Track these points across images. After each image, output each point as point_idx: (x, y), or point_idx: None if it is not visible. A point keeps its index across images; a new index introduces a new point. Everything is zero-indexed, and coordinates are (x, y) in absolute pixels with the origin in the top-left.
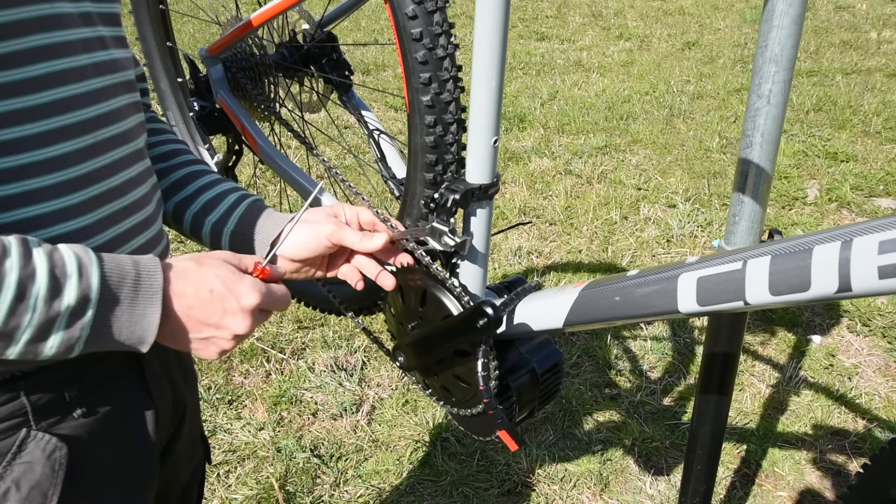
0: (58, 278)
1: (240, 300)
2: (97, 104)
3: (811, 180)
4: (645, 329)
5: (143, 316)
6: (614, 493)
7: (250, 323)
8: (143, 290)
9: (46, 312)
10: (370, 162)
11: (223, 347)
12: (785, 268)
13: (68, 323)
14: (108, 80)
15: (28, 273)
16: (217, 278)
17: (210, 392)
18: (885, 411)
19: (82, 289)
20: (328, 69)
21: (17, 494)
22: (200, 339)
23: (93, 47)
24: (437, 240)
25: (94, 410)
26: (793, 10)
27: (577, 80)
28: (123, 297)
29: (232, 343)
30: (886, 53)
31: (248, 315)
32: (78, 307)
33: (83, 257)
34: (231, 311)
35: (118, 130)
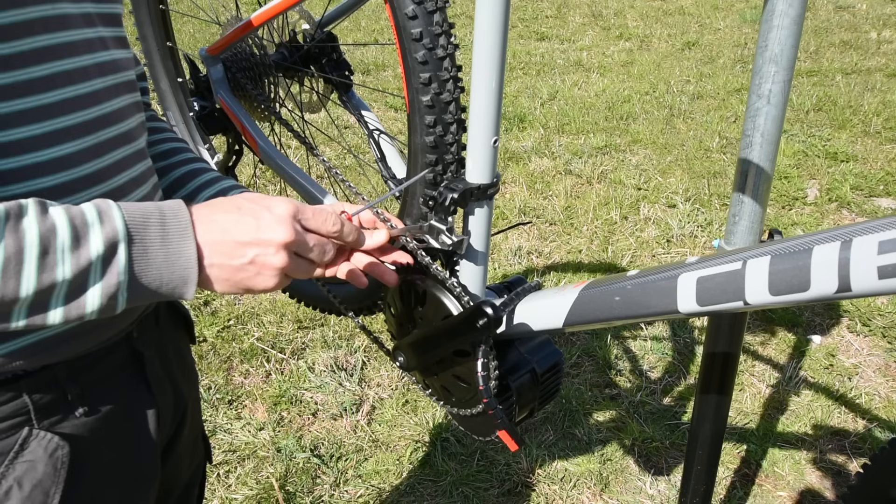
0: (78, 228)
1: (272, 210)
2: (100, 104)
3: (811, 180)
4: (645, 329)
5: (178, 253)
6: (614, 493)
7: (291, 230)
8: (172, 228)
9: (77, 263)
10: (370, 162)
11: (275, 264)
12: (785, 268)
13: (103, 271)
14: (111, 81)
15: (48, 227)
16: (243, 199)
17: (210, 392)
18: (885, 411)
19: (107, 234)
20: (328, 69)
21: (19, 493)
22: (247, 263)
23: (95, 48)
24: (436, 238)
25: (96, 409)
26: (793, 10)
27: (577, 80)
28: (153, 237)
29: (282, 259)
30: (886, 53)
31: (287, 221)
32: (108, 253)
33: (101, 206)
34: (266, 222)
35: (120, 130)
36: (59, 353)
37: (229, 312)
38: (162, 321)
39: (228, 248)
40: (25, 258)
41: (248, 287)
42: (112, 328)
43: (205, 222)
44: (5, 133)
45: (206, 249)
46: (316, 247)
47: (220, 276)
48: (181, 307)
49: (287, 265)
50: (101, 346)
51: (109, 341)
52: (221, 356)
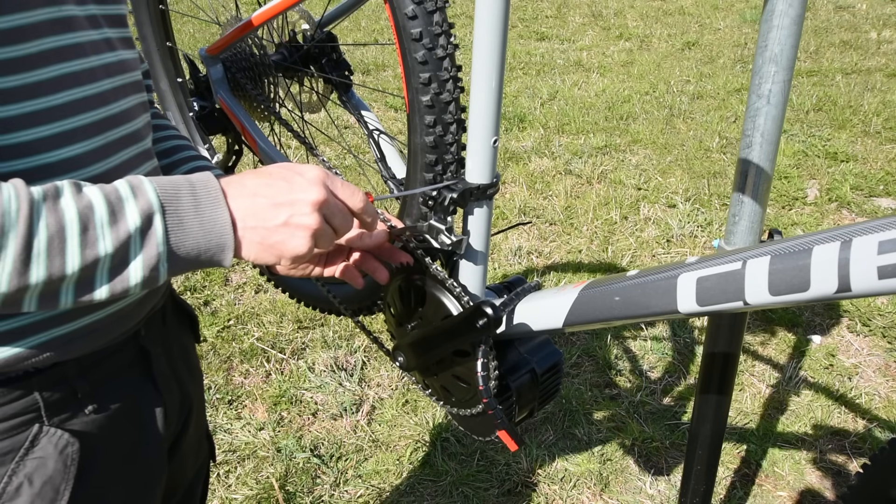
0: (114, 203)
1: (304, 174)
2: (108, 105)
3: (811, 180)
4: (645, 329)
5: (213, 220)
6: (614, 493)
7: (323, 190)
8: (204, 197)
9: (117, 236)
10: (370, 162)
11: (308, 224)
12: (784, 268)
13: (142, 243)
14: (118, 82)
15: (85, 204)
16: (275, 167)
17: (210, 392)
18: (885, 411)
19: (142, 207)
20: (328, 69)
21: (29, 489)
22: (281, 225)
23: (101, 49)
24: (435, 238)
25: (105, 407)
26: (793, 10)
27: (577, 80)
28: (186, 207)
29: (315, 219)
30: (886, 53)
31: (318, 183)
32: (144, 225)
33: (133, 181)
34: (298, 184)
35: (128, 131)
36: (69, 351)
37: (229, 312)
38: (168, 320)
39: (262, 210)
40: (67, 235)
41: (280, 252)
42: (121, 326)
43: (236, 188)
44: (15, 135)
45: (238, 213)
46: (341, 214)
47: (254, 240)
48: (186, 306)
49: (318, 227)
50: (109, 343)
51: (118, 339)
52: (221, 356)
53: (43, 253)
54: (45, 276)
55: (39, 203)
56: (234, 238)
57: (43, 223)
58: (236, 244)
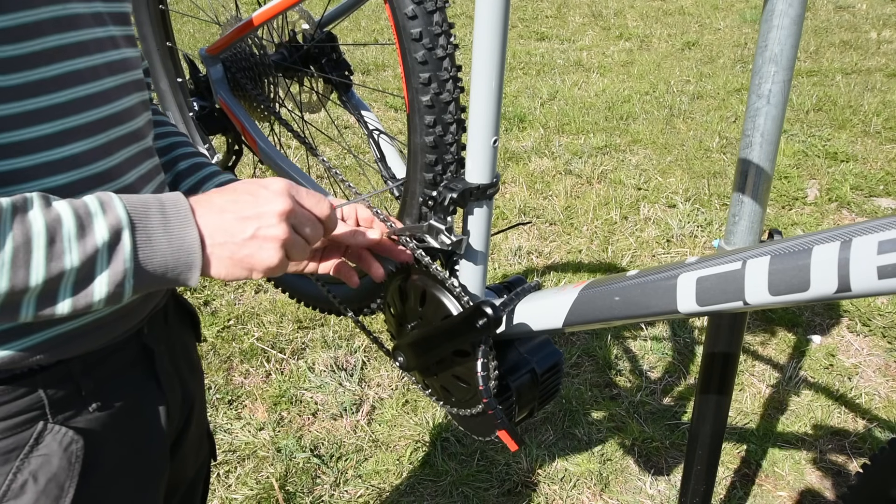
0: (83, 217)
1: (268, 186)
2: (110, 103)
3: (811, 180)
4: (645, 329)
5: (182, 238)
6: (614, 493)
7: (288, 201)
8: (173, 214)
9: (84, 250)
10: (370, 162)
11: (277, 235)
12: (784, 268)
13: (109, 258)
14: (120, 80)
15: (53, 217)
16: (239, 183)
17: (210, 392)
18: (885, 411)
19: (111, 222)
20: (328, 69)
21: (34, 487)
22: (249, 238)
23: (105, 47)
24: (435, 238)
25: (109, 404)
26: (793, 10)
27: (577, 80)
28: (154, 224)
29: (283, 230)
30: (886, 53)
31: (283, 194)
32: (112, 240)
33: (102, 197)
34: (263, 197)
35: (130, 129)
36: (73, 349)
37: (229, 312)
38: (171, 318)
39: (230, 225)
40: (34, 247)
41: (251, 265)
42: (124, 324)
43: (204, 205)
44: (17, 132)
45: (207, 230)
46: (310, 223)
47: (223, 256)
48: (188, 305)
49: (287, 237)
50: (113, 341)
51: (121, 337)
52: (221, 356)
53: (7, 264)
54: (7, 288)
55: (7, 214)
56: (202, 256)
57: (9, 234)
58: (204, 262)
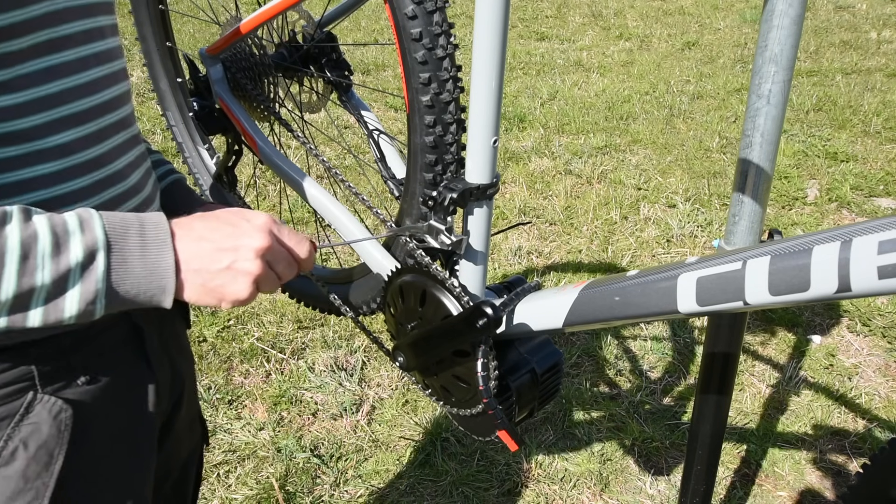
0: (59, 235)
1: (251, 220)
2: (99, 93)
3: (811, 180)
4: (645, 329)
5: (157, 263)
6: (614, 493)
7: (267, 238)
8: (151, 238)
9: (56, 268)
10: (370, 162)
11: (250, 270)
12: (784, 268)
13: (82, 278)
14: (107, 70)
15: (29, 234)
16: (224, 212)
17: (210, 392)
18: (885, 411)
19: (87, 243)
20: (328, 69)
21: (24, 453)
22: (224, 269)
23: (93, 37)
24: (435, 238)
25: (98, 379)
26: (793, 10)
27: (577, 80)
28: (132, 247)
29: (257, 264)
30: (886, 53)
31: (264, 230)
32: (86, 260)
33: (83, 215)
34: (244, 231)
35: (118, 117)
36: (64, 325)
37: (229, 312)
38: None
39: (206, 254)
40: (6, 262)
41: (221, 295)
42: None
43: (185, 230)
44: (9, 123)
45: (183, 255)
46: (285, 262)
47: (196, 282)
48: None
49: (261, 273)
50: (103, 319)
51: (111, 314)
52: (221, 356)
53: None
54: None
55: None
56: (175, 281)
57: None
58: (178, 286)
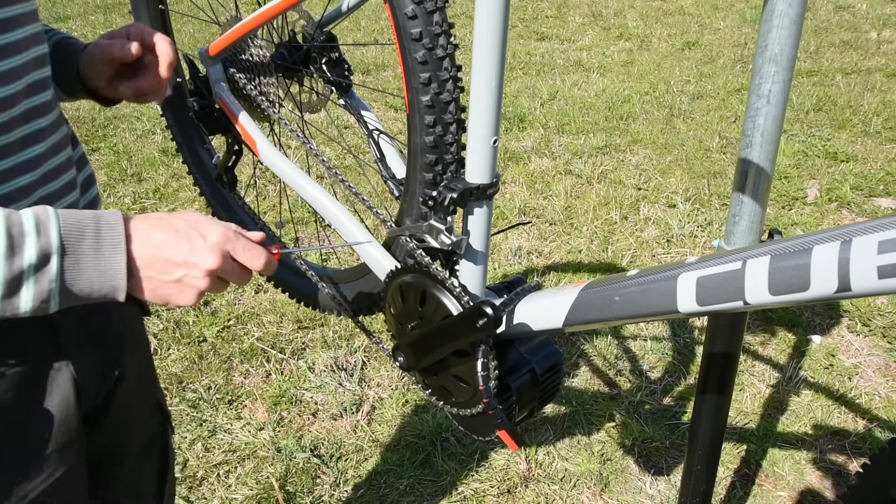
0: (15, 237)
1: (206, 238)
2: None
3: (811, 180)
4: (645, 329)
5: (109, 265)
6: (614, 493)
7: (219, 258)
8: (106, 241)
9: (10, 269)
10: (370, 162)
11: (199, 286)
12: (784, 268)
13: (36, 278)
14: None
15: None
16: (183, 220)
17: (210, 392)
18: (885, 411)
19: (41, 246)
20: (328, 69)
21: None
22: (173, 280)
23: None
24: (435, 238)
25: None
26: (793, 10)
27: (577, 80)
28: (86, 249)
29: (206, 281)
30: (886, 53)
31: (217, 250)
32: (40, 262)
33: (41, 215)
34: (198, 248)
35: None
36: None
37: (229, 312)
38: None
39: (160, 265)
40: None
41: (167, 301)
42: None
43: (142, 237)
44: None
45: (139, 262)
46: (236, 275)
47: (146, 287)
48: None
49: (208, 288)
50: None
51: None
52: (221, 356)
53: None
54: None
55: None
56: (126, 282)
57: None
58: (131, 285)
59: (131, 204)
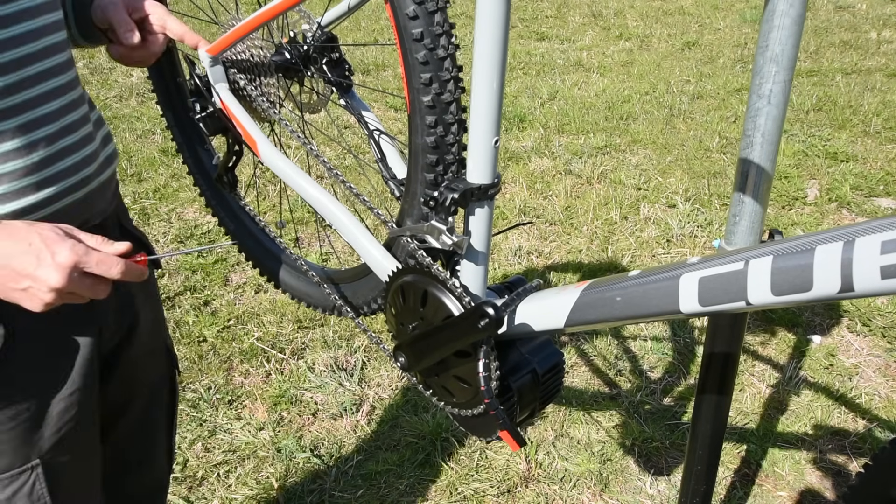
0: None
1: (54, 256)
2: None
3: (811, 180)
4: (645, 329)
5: None
6: (614, 493)
7: (65, 279)
8: None
9: None
10: (370, 162)
11: (44, 300)
12: (787, 268)
13: None
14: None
15: None
16: (39, 236)
17: (210, 392)
18: (885, 411)
19: None
20: (328, 70)
21: None
22: (21, 289)
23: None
24: (436, 238)
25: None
26: (793, 10)
27: (577, 80)
28: None
29: (52, 296)
30: (886, 53)
31: (63, 271)
32: None
33: None
34: (45, 265)
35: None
36: None
37: (229, 312)
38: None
39: (8, 273)
40: None
41: (20, 303)
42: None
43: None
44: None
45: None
46: (89, 288)
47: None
48: (142, 237)
49: (54, 301)
50: None
51: None
52: (221, 356)
53: None
54: None
55: None
56: None
57: None
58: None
59: (131, 204)
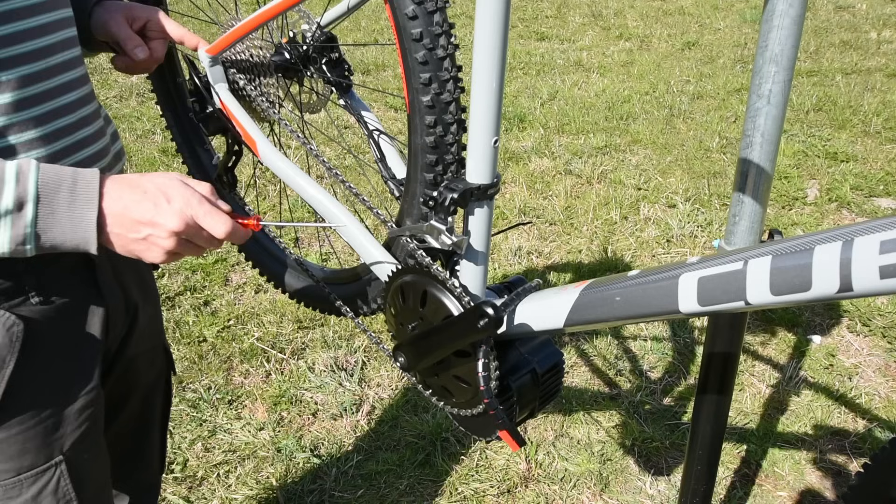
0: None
1: (171, 201)
2: (46, 36)
3: (811, 180)
4: (645, 329)
5: (81, 218)
6: (614, 493)
7: (183, 222)
8: (81, 196)
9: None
10: (370, 162)
11: (165, 246)
12: (786, 268)
13: (13, 223)
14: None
15: None
16: (152, 183)
17: (210, 392)
18: (885, 411)
19: (18, 193)
20: (328, 70)
21: None
22: (140, 238)
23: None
24: (436, 238)
25: (50, 300)
26: (793, 10)
27: (577, 80)
28: (61, 201)
29: (171, 241)
30: (886, 53)
31: (178, 214)
32: (16, 208)
33: (23, 166)
34: (162, 209)
35: (64, 58)
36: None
37: (229, 312)
38: None
39: (127, 223)
40: None
41: (138, 257)
42: None
43: (114, 197)
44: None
45: (109, 219)
46: (203, 239)
47: (117, 243)
48: None
49: (173, 248)
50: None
51: None
52: (221, 356)
53: None
54: None
55: None
56: (97, 236)
57: None
58: (103, 239)
59: None
